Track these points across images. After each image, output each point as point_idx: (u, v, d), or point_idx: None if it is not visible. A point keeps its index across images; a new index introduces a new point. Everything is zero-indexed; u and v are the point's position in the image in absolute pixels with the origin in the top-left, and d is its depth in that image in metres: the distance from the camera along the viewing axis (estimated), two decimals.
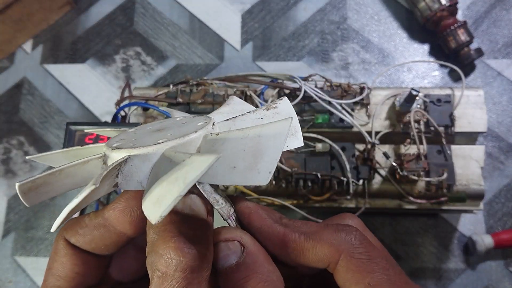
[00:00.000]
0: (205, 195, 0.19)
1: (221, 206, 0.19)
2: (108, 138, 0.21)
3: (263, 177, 0.17)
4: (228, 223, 0.20)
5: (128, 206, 0.19)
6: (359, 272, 0.18)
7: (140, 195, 0.18)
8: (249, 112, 0.21)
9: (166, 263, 0.16)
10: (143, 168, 0.18)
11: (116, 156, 0.18)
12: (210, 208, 0.19)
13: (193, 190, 0.19)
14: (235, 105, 0.24)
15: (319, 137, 0.52)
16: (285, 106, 0.21)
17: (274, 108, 0.21)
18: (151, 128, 0.21)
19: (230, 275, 0.18)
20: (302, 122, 0.53)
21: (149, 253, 0.17)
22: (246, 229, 0.20)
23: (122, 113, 0.56)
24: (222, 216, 0.20)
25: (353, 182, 0.50)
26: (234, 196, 0.21)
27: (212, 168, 0.17)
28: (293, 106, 0.51)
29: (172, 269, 0.16)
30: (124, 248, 0.21)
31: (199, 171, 0.15)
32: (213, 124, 0.19)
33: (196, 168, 0.15)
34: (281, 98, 0.22)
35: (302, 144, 0.21)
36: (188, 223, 0.18)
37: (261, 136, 0.17)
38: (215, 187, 0.20)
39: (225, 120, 0.21)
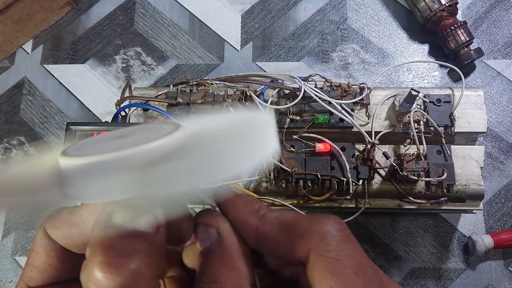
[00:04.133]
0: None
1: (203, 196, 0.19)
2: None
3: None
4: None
5: (99, 207, 0.17)
6: (324, 271, 0.16)
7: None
8: None
9: (95, 281, 0.14)
10: (103, 176, 0.16)
11: (67, 163, 0.16)
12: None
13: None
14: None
15: (319, 137, 0.52)
16: None
17: None
18: (112, 135, 0.19)
19: (203, 258, 0.18)
20: (302, 122, 0.53)
21: (83, 268, 0.15)
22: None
23: (122, 113, 0.56)
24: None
25: (353, 182, 0.50)
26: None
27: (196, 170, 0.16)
28: (293, 106, 0.52)
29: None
30: None
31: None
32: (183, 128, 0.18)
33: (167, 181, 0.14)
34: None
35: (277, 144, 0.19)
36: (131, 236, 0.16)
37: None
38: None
39: None
